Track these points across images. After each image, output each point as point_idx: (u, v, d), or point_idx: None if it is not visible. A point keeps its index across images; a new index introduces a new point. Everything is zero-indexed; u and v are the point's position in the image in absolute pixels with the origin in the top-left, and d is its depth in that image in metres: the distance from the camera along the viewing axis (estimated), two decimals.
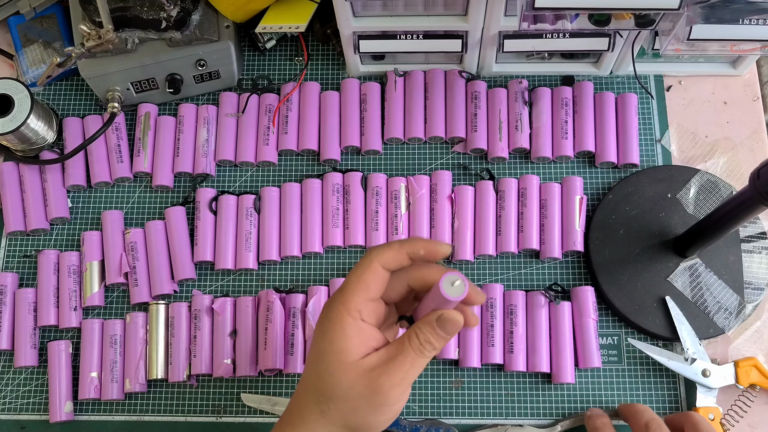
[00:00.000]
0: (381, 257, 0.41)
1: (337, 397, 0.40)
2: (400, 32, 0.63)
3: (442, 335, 0.41)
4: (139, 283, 0.64)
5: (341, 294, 0.41)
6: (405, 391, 0.41)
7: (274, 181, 0.69)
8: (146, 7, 0.62)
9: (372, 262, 0.41)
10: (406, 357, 0.40)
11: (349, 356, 0.40)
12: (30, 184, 0.67)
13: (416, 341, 0.40)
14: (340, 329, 0.40)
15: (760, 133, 0.69)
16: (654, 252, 0.63)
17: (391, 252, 0.41)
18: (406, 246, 0.41)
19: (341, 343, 0.40)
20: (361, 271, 0.41)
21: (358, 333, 0.40)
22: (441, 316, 0.40)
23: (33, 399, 0.63)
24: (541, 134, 0.67)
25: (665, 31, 0.59)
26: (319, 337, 0.41)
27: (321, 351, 0.41)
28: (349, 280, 0.42)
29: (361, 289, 0.41)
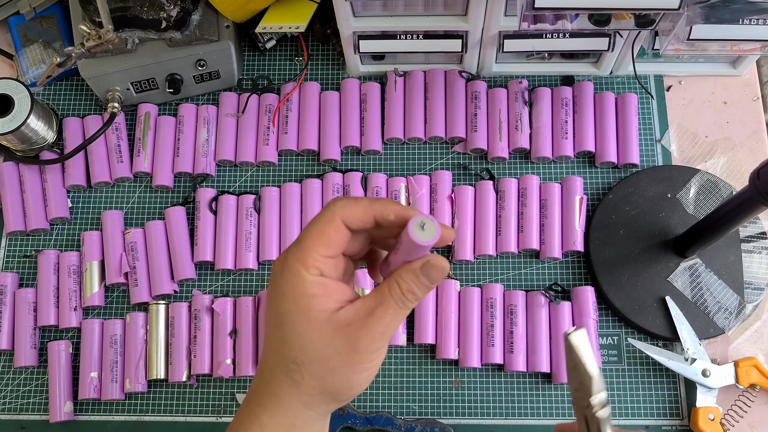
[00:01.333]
0: (345, 213, 0.36)
1: (311, 360, 0.36)
2: (400, 32, 0.63)
3: (426, 283, 0.36)
4: (139, 283, 0.64)
5: (298, 249, 0.36)
6: (384, 347, 0.37)
7: (274, 181, 0.69)
8: (146, 7, 0.62)
9: (335, 217, 0.36)
10: (387, 309, 0.36)
11: (319, 313, 0.35)
12: (30, 184, 0.67)
13: (398, 291, 0.36)
14: (302, 286, 0.35)
15: (760, 133, 0.69)
16: (654, 252, 0.63)
17: (358, 209, 0.36)
18: (375, 206, 0.37)
19: (306, 302, 0.35)
20: (321, 225, 0.36)
21: (324, 289, 0.36)
22: (426, 263, 0.36)
23: (33, 399, 0.63)
24: (541, 134, 0.67)
25: (665, 31, 0.59)
26: (278, 299, 0.36)
27: (283, 313, 0.36)
28: (307, 234, 0.36)
29: (320, 244, 0.36)
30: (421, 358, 0.63)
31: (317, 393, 0.36)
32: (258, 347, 0.62)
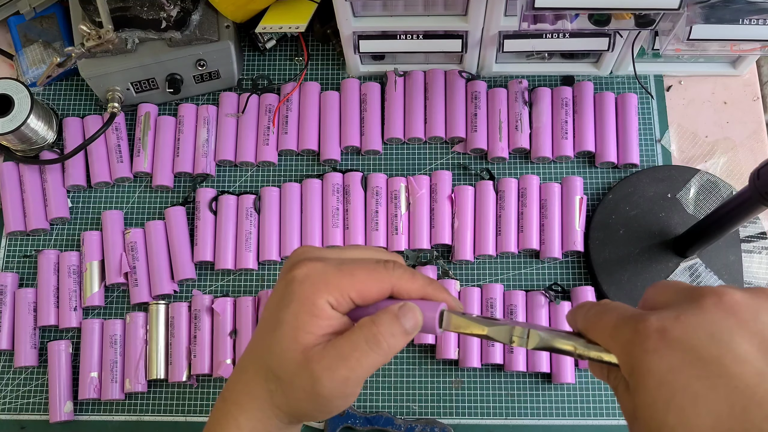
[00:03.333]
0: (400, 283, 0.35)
1: (282, 380, 0.35)
2: (400, 32, 0.63)
3: (402, 329, 0.34)
4: (139, 283, 0.64)
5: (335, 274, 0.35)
6: (350, 393, 0.35)
7: (274, 181, 0.69)
8: (146, 7, 0.62)
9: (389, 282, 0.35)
10: (354, 350, 0.34)
11: (305, 336, 0.34)
12: (30, 184, 0.67)
13: (372, 330, 0.34)
14: (309, 305, 0.34)
15: (760, 133, 0.69)
16: (654, 252, 0.63)
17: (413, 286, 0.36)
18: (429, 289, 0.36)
19: (305, 320, 0.34)
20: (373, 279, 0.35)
21: (327, 316, 0.34)
22: (405, 305, 0.34)
23: (33, 399, 0.63)
24: (541, 134, 0.67)
25: (665, 31, 0.59)
26: (283, 304, 0.35)
27: (280, 321, 0.35)
28: (354, 271, 0.35)
29: (358, 290, 0.35)
30: (421, 358, 0.63)
31: (285, 411, 0.36)
32: None
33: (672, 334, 0.27)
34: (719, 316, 0.27)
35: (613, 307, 0.32)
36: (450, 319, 0.35)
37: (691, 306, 0.28)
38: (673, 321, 0.28)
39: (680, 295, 0.30)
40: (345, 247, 0.39)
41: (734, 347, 0.27)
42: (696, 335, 0.27)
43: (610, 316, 0.31)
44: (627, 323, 0.30)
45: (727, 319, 0.27)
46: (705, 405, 0.26)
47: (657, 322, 0.28)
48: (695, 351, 0.27)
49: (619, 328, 0.30)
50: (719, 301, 0.28)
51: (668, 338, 0.28)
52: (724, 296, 0.28)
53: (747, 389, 0.26)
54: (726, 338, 0.27)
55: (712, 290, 0.29)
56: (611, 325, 0.31)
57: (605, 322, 0.31)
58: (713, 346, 0.27)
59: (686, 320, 0.28)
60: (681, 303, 0.29)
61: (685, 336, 0.27)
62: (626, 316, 0.30)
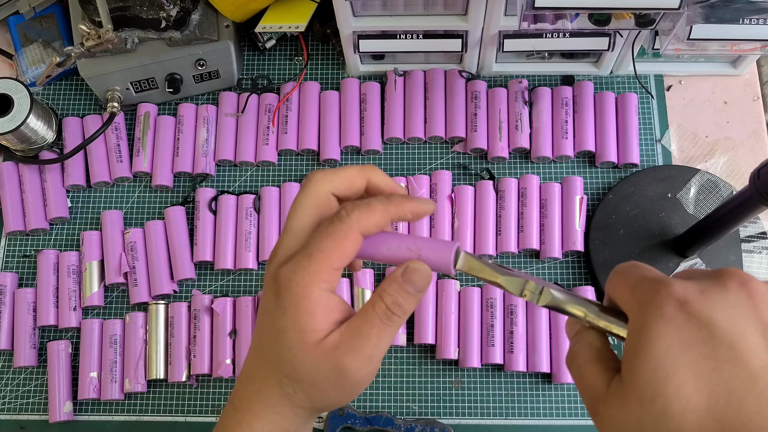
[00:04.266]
0: (363, 224, 0.34)
1: (302, 380, 0.35)
2: (400, 32, 0.63)
3: (411, 292, 0.34)
4: (138, 283, 0.64)
5: (309, 262, 0.34)
6: (374, 369, 0.35)
7: (274, 181, 0.69)
8: (146, 7, 0.62)
9: (352, 229, 0.34)
10: (371, 328, 0.34)
11: (311, 335, 0.34)
12: (29, 183, 0.67)
13: (381, 305, 0.34)
14: (305, 304, 0.34)
15: (760, 133, 0.69)
16: (654, 252, 0.63)
17: (375, 218, 0.35)
18: (391, 210, 0.35)
19: (305, 321, 0.34)
20: (337, 239, 0.34)
21: (324, 307, 0.34)
22: (407, 268, 0.34)
23: (32, 399, 0.63)
24: (541, 134, 0.67)
25: (665, 31, 0.59)
26: (278, 312, 0.34)
27: (281, 329, 0.34)
28: (321, 246, 0.34)
29: (336, 258, 0.34)
30: (421, 358, 0.63)
31: (308, 408, 0.36)
32: None
33: (693, 307, 0.27)
34: (741, 300, 0.27)
35: (642, 266, 0.31)
36: (465, 260, 0.35)
37: (716, 284, 0.28)
38: (696, 294, 0.27)
39: (703, 273, 0.29)
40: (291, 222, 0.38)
41: (747, 335, 0.26)
42: (715, 314, 0.27)
43: (636, 271, 0.31)
44: (650, 283, 0.29)
45: (746, 305, 0.27)
46: (706, 386, 0.26)
47: (681, 290, 0.28)
48: (710, 330, 0.26)
49: (641, 285, 0.29)
50: (744, 285, 0.27)
51: (688, 310, 0.27)
52: (748, 282, 0.28)
53: (749, 379, 0.26)
54: (742, 325, 0.26)
55: (737, 273, 0.28)
56: (634, 280, 0.30)
57: (629, 276, 0.31)
58: (729, 329, 0.26)
59: (709, 297, 0.27)
60: (705, 279, 0.28)
61: (705, 312, 0.27)
62: (651, 276, 0.30)
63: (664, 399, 0.26)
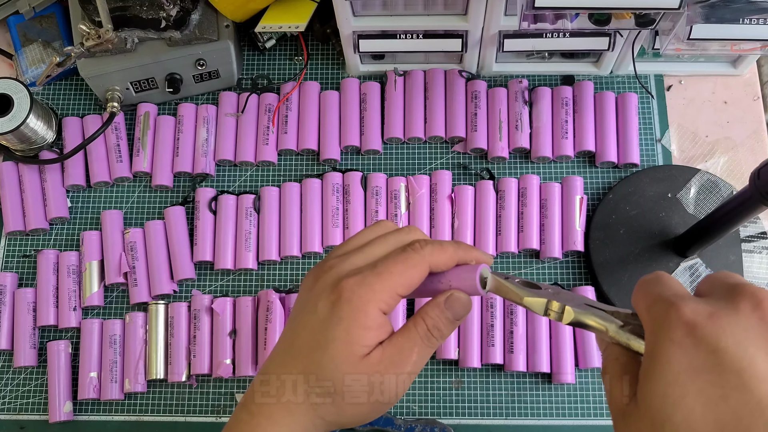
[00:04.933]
0: (434, 259, 0.36)
1: (337, 392, 0.35)
2: (399, 32, 0.63)
3: (451, 318, 0.36)
4: (138, 283, 0.64)
5: (377, 279, 0.35)
6: (407, 387, 0.36)
7: (274, 180, 0.68)
8: (146, 7, 0.62)
9: (424, 262, 0.36)
10: (413, 346, 0.36)
11: (360, 349, 0.35)
12: (29, 183, 0.67)
13: (423, 327, 0.36)
14: (363, 319, 0.34)
15: (760, 133, 0.69)
16: (654, 252, 0.63)
17: (445, 256, 0.36)
18: (460, 252, 0.37)
19: (358, 334, 0.34)
20: (409, 266, 0.35)
21: (378, 326, 0.35)
22: (451, 296, 0.36)
23: (32, 399, 0.63)
24: (541, 134, 0.67)
25: (665, 31, 0.59)
26: (332, 322, 0.35)
27: (330, 338, 0.35)
28: (391, 268, 0.35)
29: (401, 284, 0.35)
30: None
31: (330, 419, 0.36)
32: (257, 347, 0.62)
33: (701, 332, 0.27)
34: (752, 324, 0.27)
35: (662, 280, 0.31)
36: (494, 282, 0.37)
37: (728, 305, 0.27)
38: (705, 318, 0.27)
39: (720, 288, 0.29)
40: (365, 244, 0.38)
41: (757, 362, 0.26)
42: (724, 339, 0.26)
43: (655, 288, 0.30)
44: (664, 304, 0.29)
45: (757, 329, 0.27)
46: (713, 413, 0.26)
47: (690, 314, 0.27)
48: (718, 355, 0.26)
49: (657, 304, 0.29)
50: (757, 306, 0.27)
51: (697, 335, 0.27)
52: (762, 303, 0.27)
53: (757, 408, 0.25)
54: (751, 351, 0.26)
55: (752, 293, 0.27)
56: (651, 298, 0.30)
57: (648, 293, 0.30)
58: (738, 354, 0.26)
59: (718, 321, 0.27)
60: (718, 297, 0.28)
61: (713, 337, 0.26)
62: (667, 295, 0.29)
63: (673, 426, 0.27)
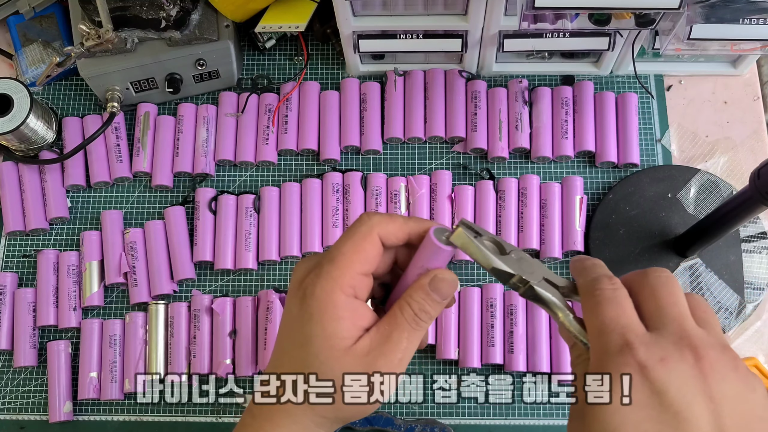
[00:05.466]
0: (382, 228, 0.35)
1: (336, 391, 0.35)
2: (399, 32, 0.63)
3: (437, 299, 0.35)
4: (138, 283, 0.64)
5: (332, 266, 0.35)
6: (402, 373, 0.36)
7: (274, 180, 0.68)
8: (146, 7, 0.62)
9: (372, 232, 0.35)
10: (401, 333, 0.35)
11: (341, 341, 0.34)
12: (29, 183, 0.67)
13: (409, 311, 0.35)
14: (332, 310, 0.34)
15: (760, 133, 0.69)
16: (654, 252, 0.63)
17: (394, 225, 0.36)
18: (410, 224, 0.36)
19: (332, 327, 0.34)
20: (358, 240, 0.35)
21: (351, 313, 0.35)
22: (435, 276, 0.35)
23: (32, 399, 0.63)
24: (541, 134, 0.67)
25: (665, 31, 0.59)
26: (305, 318, 0.35)
27: (309, 335, 0.35)
28: (342, 250, 0.35)
29: (357, 261, 0.35)
30: (422, 358, 0.63)
31: (331, 417, 0.36)
32: (257, 347, 0.62)
33: (651, 374, 0.29)
34: (694, 373, 0.29)
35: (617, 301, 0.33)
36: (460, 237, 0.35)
37: (675, 352, 0.30)
38: (656, 361, 0.29)
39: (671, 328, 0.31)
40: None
41: (694, 407, 0.28)
42: (669, 383, 0.29)
43: (613, 312, 0.32)
44: (618, 337, 0.31)
45: (698, 379, 0.29)
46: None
47: (643, 355, 0.30)
48: (660, 396, 0.29)
49: (609, 335, 0.31)
50: (699, 360, 0.29)
51: (646, 375, 0.29)
52: (703, 359, 0.30)
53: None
54: (689, 396, 0.29)
55: (696, 346, 0.30)
56: (605, 321, 0.32)
57: (602, 313, 0.32)
58: (678, 398, 0.29)
59: (666, 366, 0.29)
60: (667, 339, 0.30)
61: (660, 380, 0.29)
62: (621, 326, 0.31)
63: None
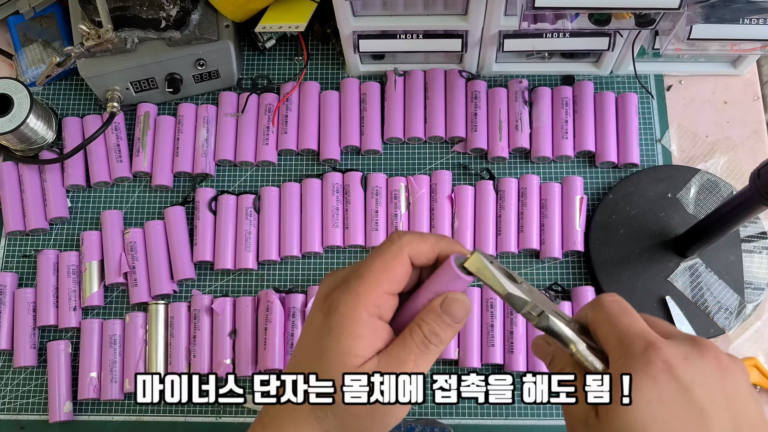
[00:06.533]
0: (413, 248, 0.35)
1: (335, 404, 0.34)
2: (399, 32, 0.63)
3: (449, 323, 0.35)
4: (138, 283, 0.64)
5: (360, 282, 0.34)
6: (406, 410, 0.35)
7: (274, 180, 0.68)
8: (146, 7, 0.62)
9: (402, 251, 0.34)
10: (408, 355, 0.34)
11: (353, 359, 0.34)
12: (29, 183, 0.67)
13: (419, 334, 0.34)
14: (352, 326, 0.34)
15: (760, 133, 0.69)
16: (654, 252, 0.63)
17: (425, 246, 0.35)
18: (441, 244, 0.36)
19: (349, 343, 0.34)
20: (388, 259, 0.34)
21: (371, 333, 0.34)
22: (446, 298, 0.34)
23: (32, 399, 0.63)
24: (541, 134, 0.67)
25: (665, 31, 0.59)
26: (324, 332, 0.34)
27: (324, 349, 0.34)
28: (371, 267, 0.34)
29: (385, 279, 0.34)
30: None
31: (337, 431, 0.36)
32: (257, 347, 0.62)
33: (676, 371, 0.30)
34: (714, 371, 0.31)
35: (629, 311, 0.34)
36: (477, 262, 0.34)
37: (695, 351, 0.31)
38: (680, 360, 0.30)
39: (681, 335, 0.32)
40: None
41: (717, 404, 0.30)
42: (693, 381, 0.30)
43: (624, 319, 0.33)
44: (641, 339, 0.32)
45: (718, 376, 0.31)
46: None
47: (667, 354, 0.31)
48: (686, 394, 0.30)
49: (631, 337, 0.32)
50: (717, 358, 0.31)
51: (672, 373, 0.30)
52: (720, 357, 0.31)
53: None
54: (712, 394, 0.30)
55: (712, 345, 0.32)
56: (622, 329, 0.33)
57: (618, 323, 0.33)
58: (702, 395, 0.30)
59: (691, 364, 0.31)
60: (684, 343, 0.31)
61: (685, 378, 0.30)
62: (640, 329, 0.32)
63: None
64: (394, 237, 0.35)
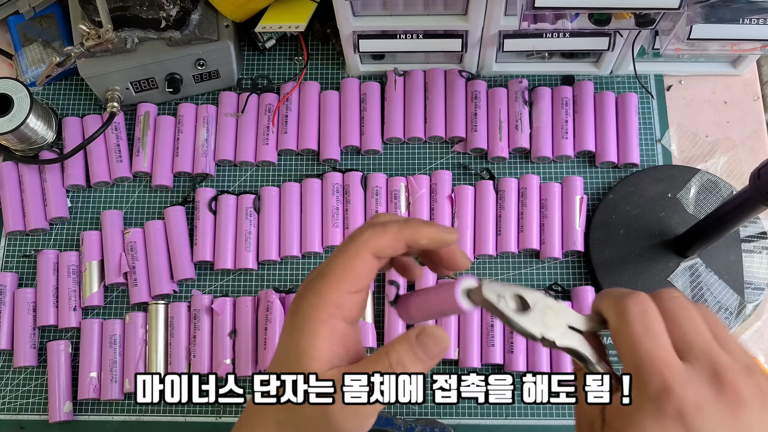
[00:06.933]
0: (374, 244, 0.34)
1: (291, 409, 0.33)
2: (399, 32, 0.63)
3: (421, 357, 0.32)
4: (138, 283, 0.64)
5: (321, 282, 0.33)
6: (362, 425, 0.33)
7: (274, 180, 0.68)
8: (146, 7, 0.62)
9: (364, 248, 0.33)
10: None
11: (309, 362, 0.32)
12: (29, 183, 0.67)
13: (385, 363, 0.32)
14: (310, 327, 0.33)
15: (760, 133, 0.69)
16: (654, 252, 0.63)
17: (387, 238, 0.34)
18: (405, 232, 0.34)
19: (305, 344, 0.33)
20: (348, 258, 0.33)
21: (330, 334, 0.33)
22: (423, 332, 0.33)
23: (32, 399, 0.63)
24: (541, 134, 0.67)
25: (665, 31, 0.59)
26: (287, 332, 0.34)
27: (287, 350, 0.34)
28: (331, 267, 0.34)
29: (345, 279, 0.33)
30: None
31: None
32: (257, 347, 0.62)
33: (686, 420, 0.28)
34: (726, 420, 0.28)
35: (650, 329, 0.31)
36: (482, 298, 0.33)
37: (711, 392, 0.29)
38: (693, 409, 0.28)
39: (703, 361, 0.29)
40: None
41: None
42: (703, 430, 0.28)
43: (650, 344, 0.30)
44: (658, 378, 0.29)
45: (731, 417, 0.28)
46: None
47: (681, 401, 0.28)
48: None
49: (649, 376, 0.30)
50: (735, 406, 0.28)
51: (683, 422, 0.28)
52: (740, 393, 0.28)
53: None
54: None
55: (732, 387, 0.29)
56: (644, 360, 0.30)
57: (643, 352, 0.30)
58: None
59: (702, 413, 0.28)
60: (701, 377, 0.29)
61: (695, 427, 0.28)
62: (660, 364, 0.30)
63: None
64: (356, 233, 0.34)
